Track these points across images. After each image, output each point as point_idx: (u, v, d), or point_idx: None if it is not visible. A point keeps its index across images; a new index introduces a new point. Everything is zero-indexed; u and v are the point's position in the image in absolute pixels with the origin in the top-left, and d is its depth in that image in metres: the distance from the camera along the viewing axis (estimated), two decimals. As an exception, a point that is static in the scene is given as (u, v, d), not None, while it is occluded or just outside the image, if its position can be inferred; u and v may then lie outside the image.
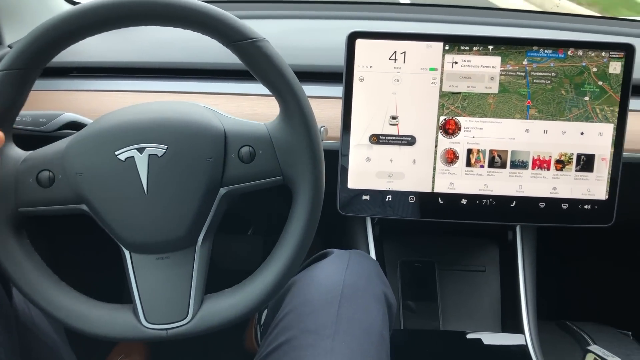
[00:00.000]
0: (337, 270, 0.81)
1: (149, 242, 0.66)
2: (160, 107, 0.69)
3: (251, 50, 0.64)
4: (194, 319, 0.66)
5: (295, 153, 0.66)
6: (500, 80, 0.90)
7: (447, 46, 0.89)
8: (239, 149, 0.67)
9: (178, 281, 0.67)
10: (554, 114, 0.91)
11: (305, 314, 0.75)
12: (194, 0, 0.63)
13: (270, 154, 0.67)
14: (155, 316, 0.66)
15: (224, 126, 0.68)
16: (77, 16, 0.62)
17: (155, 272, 0.67)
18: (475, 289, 1.09)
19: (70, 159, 0.66)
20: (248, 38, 0.64)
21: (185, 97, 1.00)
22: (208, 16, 0.63)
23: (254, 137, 0.67)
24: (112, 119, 0.67)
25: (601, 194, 0.93)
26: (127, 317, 0.67)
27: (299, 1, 1.31)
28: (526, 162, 0.92)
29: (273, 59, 0.65)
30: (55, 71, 1.02)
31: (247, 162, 0.67)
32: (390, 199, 0.93)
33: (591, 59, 0.90)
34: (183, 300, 0.67)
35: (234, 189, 0.68)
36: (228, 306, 0.67)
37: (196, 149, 0.65)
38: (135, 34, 1.10)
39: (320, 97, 0.96)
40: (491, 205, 0.93)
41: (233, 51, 0.65)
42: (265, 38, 0.65)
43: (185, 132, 0.66)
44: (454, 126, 0.91)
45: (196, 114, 0.68)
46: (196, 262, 0.67)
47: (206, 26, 0.63)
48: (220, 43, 0.65)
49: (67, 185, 0.66)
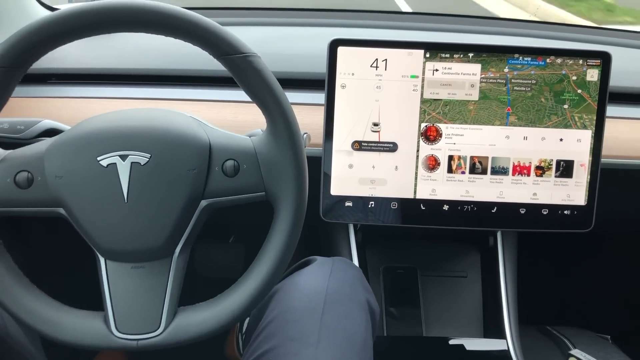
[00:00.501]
0: (320, 277, 0.81)
1: (126, 251, 0.65)
2: (145, 115, 0.68)
3: (242, 65, 0.64)
4: (165, 330, 0.66)
5: (279, 170, 0.66)
6: (480, 87, 0.91)
7: (428, 54, 0.90)
8: (224, 162, 0.66)
9: (152, 291, 0.66)
10: (534, 121, 0.92)
11: (288, 322, 0.75)
12: (186, 10, 0.62)
13: (254, 169, 0.66)
14: (126, 326, 0.65)
15: (210, 138, 0.67)
16: (71, 17, 0.61)
17: (129, 281, 0.66)
18: (458, 294, 1.09)
19: (50, 161, 0.65)
20: (240, 52, 0.63)
21: (166, 104, 0.99)
22: (200, 27, 0.62)
23: (239, 151, 0.67)
24: (95, 124, 0.67)
25: (580, 200, 0.94)
26: (97, 325, 0.66)
27: (280, 8, 1.31)
28: (506, 168, 0.93)
29: (263, 74, 0.64)
30: (33, 78, 1.01)
31: (230, 175, 0.66)
32: (373, 205, 0.94)
33: (570, 67, 0.91)
34: (156, 311, 0.66)
35: (215, 202, 0.67)
36: (200, 320, 0.66)
37: (180, 160, 0.65)
38: (115, 40, 1.09)
39: (302, 104, 0.96)
40: (472, 211, 0.94)
41: (223, 64, 0.64)
42: (256, 53, 0.64)
43: (170, 142, 0.65)
44: (435, 133, 0.92)
45: (182, 124, 0.67)
46: (172, 273, 0.66)
47: (198, 37, 0.63)
48: (210, 54, 0.65)
49: (46, 187, 0.65)
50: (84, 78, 1.05)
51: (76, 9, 0.61)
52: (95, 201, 0.64)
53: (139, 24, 0.62)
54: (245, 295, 0.66)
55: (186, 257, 0.68)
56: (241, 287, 0.67)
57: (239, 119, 0.97)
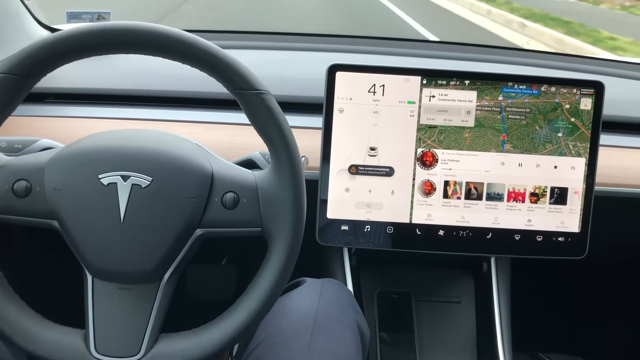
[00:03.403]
0: (309, 299, 0.81)
1: (115, 271, 0.65)
2: (150, 137, 0.68)
3: (254, 101, 0.64)
4: (145, 356, 0.65)
5: (278, 208, 0.66)
6: (476, 115, 0.92)
7: (424, 80, 0.91)
8: (224, 194, 0.66)
9: (136, 315, 0.65)
10: (529, 149, 0.93)
11: (277, 344, 0.74)
12: (205, 41, 0.63)
13: (254, 204, 0.66)
14: (106, 347, 0.64)
15: (213, 168, 0.67)
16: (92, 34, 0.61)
17: (114, 301, 0.65)
18: (452, 320, 1.09)
19: (51, 173, 0.65)
20: (254, 89, 0.64)
21: (164, 125, 0.99)
22: (217, 60, 0.63)
23: (241, 184, 0.67)
24: (100, 141, 0.67)
25: (574, 227, 0.95)
26: (76, 343, 0.65)
27: (281, 33, 1.33)
28: (502, 194, 0.94)
29: (274, 113, 0.65)
30: (31, 97, 1.00)
31: (229, 208, 0.66)
32: (369, 230, 0.94)
33: (564, 95, 0.92)
34: (138, 335, 0.65)
35: (210, 232, 0.67)
36: (182, 349, 0.65)
37: (181, 187, 0.65)
38: (114, 61, 1.10)
39: (300, 127, 0.97)
40: (468, 237, 0.94)
41: (236, 97, 0.65)
42: (269, 91, 0.65)
43: (173, 168, 0.65)
44: (431, 158, 0.93)
45: (186, 150, 0.67)
46: (158, 298, 0.66)
47: (214, 69, 0.64)
48: (223, 86, 0.65)
49: (43, 199, 0.64)
50: (82, 98, 1.06)
51: (96, 27, 0.62)
52: (90, 218, 0.64)
53: (158, 49, 0.63)
54: (230, 329, 0.66)
55: (174, 283, 0.67)
56: (227, 319, 0.66)
57: (236, 141, 0.97)
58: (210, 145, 0.73)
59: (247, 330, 0.66)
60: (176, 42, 0.62)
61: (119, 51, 0.63)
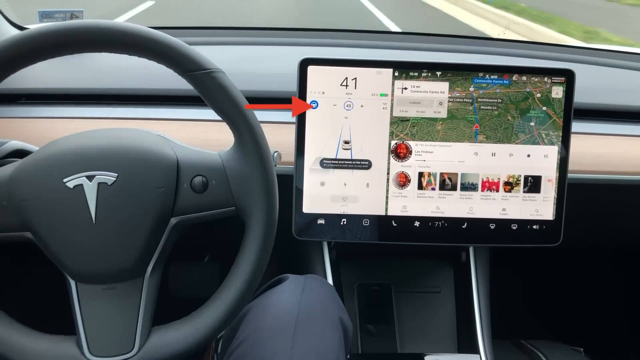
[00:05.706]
0: (292, 295, 0.81)
1: (96, 272, 0.65)
2: (111, 134, 0.68)
3: (206, 81, 0.64)
4: (140, 351, 0.65)
5: (248, 184, 0.66)
6: (448, 106, 0.92)
7: (396, 72, 0.92)
8: (192, 179, 0.66)
9: (125, 312, 0.65)
10: (502, 139, 0.94)
11: (259, 341, 0.74)
12: (149, 28, 0.63)
13: (223, 184, 0.66)
14: (99, 349, 0.65)
15: (177, 155, 0.67)
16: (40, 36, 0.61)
17: (101, 302, 0.65)
18: (431, 310, 1.10)
19: (16, 185, 0.64)
20: (203, 68, 0.64)
21: (137, 123, 0.98)
22: (163, 45, 0.63)
23: (207, 166, 0.67)
24: (61, 145, 0.66)
25: (548, 214, 0.96)
26: (69, 349, 0.65)
27: (251, 28, 1.32)
28: (476, 184, 0.94)
29: (228, 89, 0.65)
30: (3, 98, 1.00)
31: (199, 192, 0.66)
32: (345, 223, 0.94)
33: (535, 84, 0.93)
34: (129, 332, 0.65)
35: (185, 219, 0.67)
36: (175, 339, 0.65)
37: (147, 178, 0.64)
38: (85, 60, 1.09)
39: (273, 122, 0.97)
40: (443, 227, 0.95)
41: (188, 80, 0.65)
42: (220, 69, 0.65)
43: (137, 160, 0.65)
44: (405, 150, 0.93)
45: (148, 142, 0.67)
46: (144, 293, 0.66)
47: (161, 55, 0.63)
48: (174, 72, 0.65)
49: (12, 212, 0.64)
50: (53, 98, 1.04)
51: (45, 29, 0.61)
52: (62, 223, 0.63)
53: (105, 44, 0.62)
54: (219, 312, 0.66)
55: (159, 276, 0.68)
56: (215, 304, 0.67)
57: (210, 137, 0.97)
58: (185, 142, 0.73)
59: (240, 307, 0.67)
60: (120, 34, 0.62)
61: (66, 52, 0.63)
